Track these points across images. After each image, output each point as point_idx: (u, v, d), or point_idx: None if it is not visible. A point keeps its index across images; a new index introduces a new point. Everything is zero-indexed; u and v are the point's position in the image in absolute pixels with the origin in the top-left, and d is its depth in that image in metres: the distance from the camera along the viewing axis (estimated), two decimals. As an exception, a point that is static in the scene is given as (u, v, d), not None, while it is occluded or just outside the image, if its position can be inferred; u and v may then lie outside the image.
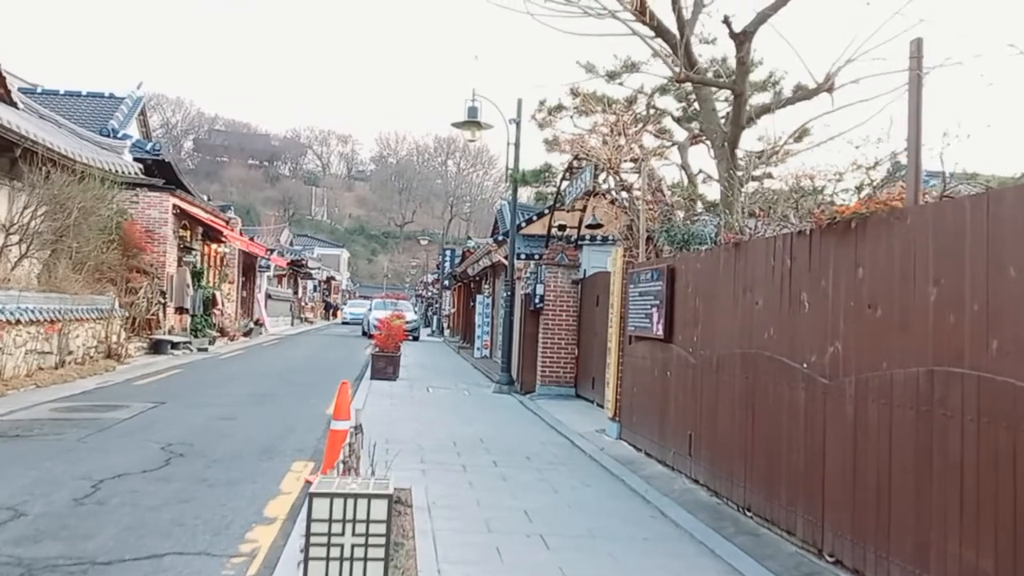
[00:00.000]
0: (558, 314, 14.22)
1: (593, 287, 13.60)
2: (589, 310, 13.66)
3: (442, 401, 13.00)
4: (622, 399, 9.32)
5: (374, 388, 14.13)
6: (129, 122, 24.34)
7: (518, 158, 15.05)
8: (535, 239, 17.04)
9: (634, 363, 8.89)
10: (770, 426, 5.65)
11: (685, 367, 7.31)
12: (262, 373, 16.56)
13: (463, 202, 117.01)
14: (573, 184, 12.41)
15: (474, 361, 22.28)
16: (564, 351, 14.22)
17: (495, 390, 14.90)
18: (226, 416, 10.29)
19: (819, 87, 8.43)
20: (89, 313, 16.08)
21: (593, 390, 13.08)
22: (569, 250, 14.28)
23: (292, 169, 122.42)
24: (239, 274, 31.52)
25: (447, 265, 40.38)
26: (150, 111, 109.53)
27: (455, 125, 14.78)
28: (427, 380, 16.43)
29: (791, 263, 5.53)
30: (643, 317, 8.43)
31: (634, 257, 9.30)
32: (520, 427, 10.65)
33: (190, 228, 23.95)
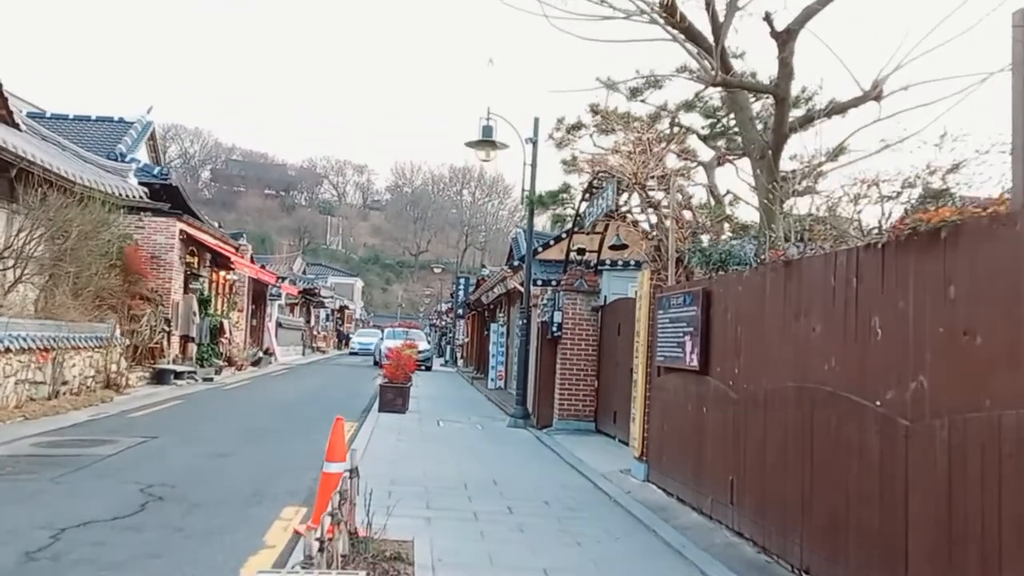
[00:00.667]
0: (577, 343, 13.40)
1: (614, 314, 12.80)
2: (610, 339, 12.84)
3: (453, 436, 12.17)
4: (650, 437, 8.47)
5: (381, 422, 13.33)
6: (138, 146, 23.92)
7: (534, 179, 14.37)
8: (552, 265, 16.27)
9: (664, 397, 8.06)
10: (833, 474, 4.81)
11: (724, 403, 6.48)
12: (265, 405, 15.80)
13: (478, 231, 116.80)
14: (593, 204, 11.66)
15: (488, 392, 21.44)
16: (583, 383, 13.38)
17: (510, 424, 14.06)
18: (219, 453, 9.51)
19: (866, 94, 7.69)
20: (87, 341, 15.41)
21: (615, 425, 12.22)
22: (588, 275, 13.50)
23: (308, 199, 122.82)
24: (249, 302, 30.90)
25: (461, 294, 39.67)
26: (168, 141, 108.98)
27: (469, 145, 14.11)
28: (438, 413, 15.61)
29: (858, 283, 4.72)
30: (674, 346, 7.62)
31: (662, 280, 8.52)
32: (537, 466, 9.80)
33: (198, 254, 23.37)
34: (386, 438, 11.29)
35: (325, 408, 15.54)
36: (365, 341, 47.19)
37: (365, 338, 49.30)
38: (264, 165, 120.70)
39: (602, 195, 11.01)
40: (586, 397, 13.38)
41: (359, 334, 54.05)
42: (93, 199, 15.84)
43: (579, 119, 13.33)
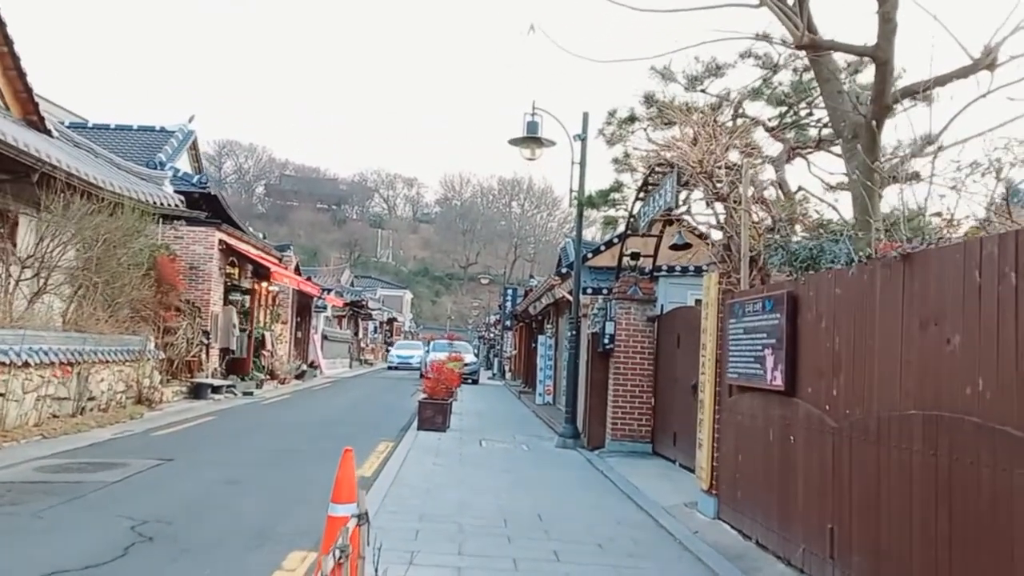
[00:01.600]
0: (631, 356, 12.22)
1: (672, 325, 11.59)
2: (668, 352, 11.64)
3: (496, 459, 11.07)
4: (720, 466, 7.26)
5: (419, 441, 12.31)
6: (178, 155, 23.48)
7: (583, 178, 13.25)
8: (603, 272, 15.12)
9: (737, 422, 6.85)
10: (986, 530, 3.59)
11: (819, 432, 5.26)
12: (298, 423, 14.92)
13: (527, 243, 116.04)
14: (649, 202, 10.49)
15: (535, 408, 20.31)
16: (638, 400, 12.18)
17: (558, 444, 12.91)
18: (232, 479, 8.57)
19: (977, 63, 6.41)
20: (117, 355, 14.75)
21: (675, 447, 10.99)
22: (643, 282, 12.32)
23: (359, 212, 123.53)
24: (293, 314, 30.34)
25: (509, 305, 38.64)
26: (224, 157, 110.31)
27: (513, 143, 13.08)
28: (481, 431, 14.54)
29: (1017, 279, 3.51)
30: (750, 361, 6.42)
31: (732, 284, 7.33)
32: (588, 497, 8.64)
33: (238, 265, 22.79)
34: (421, 461, 10.26)
35: (361, 426, 14.61)
36: (405, 354, 43.58)
37: (406, 350, 45.19)
38: (316, 180, 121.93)
39: (659, 191, 9.84)
40: (642, 416, 12.18)
41: (398, 346, 49.21)
42: (124, 206, 15.25)
43: (632, 111, 12.20)
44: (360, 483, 7.90)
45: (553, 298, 18.74)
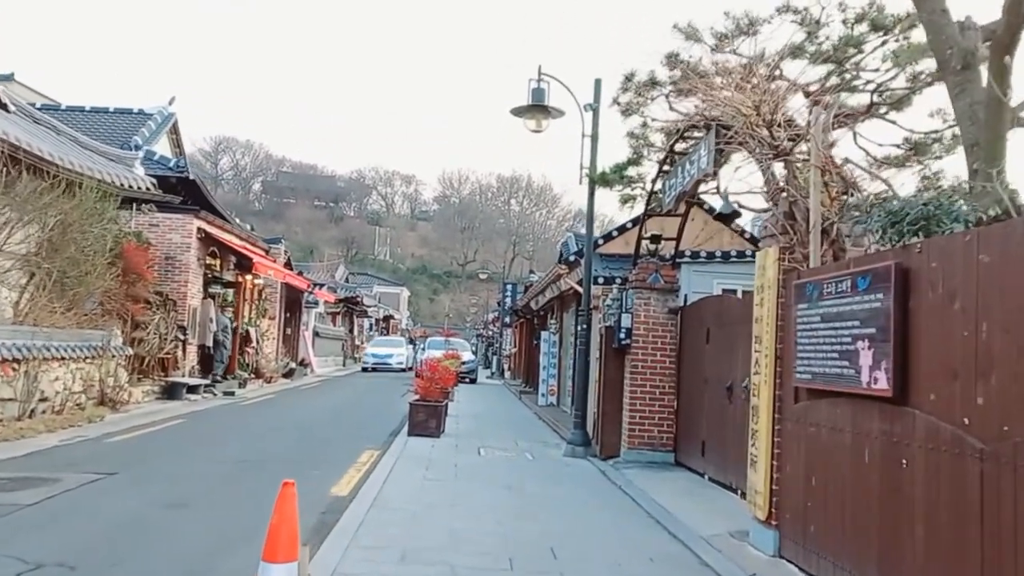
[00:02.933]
0: (650, 353, 10.73)
1: (699, 317, 10.10)
2: (694, 348, 10.15)
3: (496, 471, 9.57)
4: (782, 491, 5.76)
5: (409, 449, 10.81)
6: (157, 138, 21.96)
7: (595, 153, 11.75)
8: (615, 260, 13.64)
9: (810, 435, 5.35)
10: None
11: (954, 456, 3.77)
12: (276, 427, 13.41)
13: (525, 241, 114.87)
14: (677, 173, 8.98)
15: (538, 410, 18.81)
16: (658, 403, 10.69)
17: (566, 452, 11.42)
18: (178, 501, 7.07)
19: None
20: (75, 351, 13.24)
21: (703, 458, 9.50)
22: (665, 269, 10.82)
23: (357, 209, 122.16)
24: (281, 310, 28.82)
25: (508, 301, 37.14)
26: (220, 154, 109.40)
27: (516, 112, 11.59)
28: (479, 437, 13.04)
29: None
30: (832, 358, 4.93)
31: (797, 261, 5.83)
32: (609, 523, 7.15)
33: (220, 256, 21.28)
34: (410, 475, 8.75)
35: (345, 430, 13.10)
36: (382, 352, 36.28)
37: (383, 348, 37.36)
38: (313, 177, 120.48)
39: (690, 158, 8.34)
40: (663, 421, 10.68)
41: (375, 343, 40.35)
42: (86, 188, 13.76)
43: (652, 75, 10.68)
44: (331, 507, 6.39)
45: (558, 291, 17.23)
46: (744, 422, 8.25)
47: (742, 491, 8.16)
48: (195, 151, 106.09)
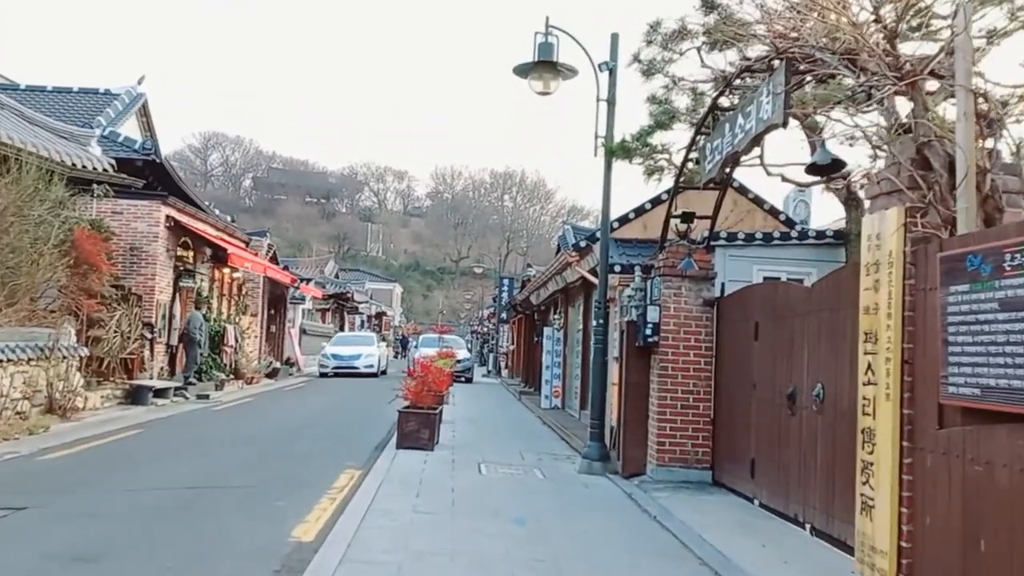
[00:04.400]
0: (682, 352, 9.05)
1: (744, 309, 8.44)
2: (737, 346, 8.48)
3: (503, 498, 7.89)
4: (919, 552, 4.09)
5: (397, 467, 9.12)
6: (123, 119, 20.20)
7: (612, 119, 10.07)
8: (632, 246, 11.98)
9: (977, 477, 3.68)
10: None
11: None
12: (245, 438, 11.70)
13: (519, 237, 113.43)
14: (725, 130, 7.28)
15: (541, 413, 17.14)
16: (692, 411, 9.02)
17: (582, 468, 9.74)
18: (88, 554, 5.35)
19: None
20: (14, 352, 11.53)
21: (753, 480, 7.84)
22: (699, 253, 9.15)
23: (349, 206, 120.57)
24: (264, 306, 27.06)
25: (505, 296, 35.45)
26: (210, 150, 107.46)
27: (519, 71, 9.90)
28: (479, 448, 11.37)
29: None
30: (1016, 366, 3.25)
31: (931, 226, 4.16)
32: (654, 570, 5.47)
33: (193, 247, 19.51)
34: (396, 505, 7.06)
35: (325, 442, 11.38)
36: (347, 352, 28.29)
37: (348, 347, 29.00)
38: (304, 173, 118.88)
39: (747, 107, 6.64)
40: (697, 433, 9.01)
41: (337, 341, 31.16)
42: (26, 165, 12.05)
43: (683, 22, 9.01)
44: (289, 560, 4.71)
45: (563, 282, 15.55)
46: (812, 439, 6.61)
47: (813, 527, 6.52)
48: (184, 147, 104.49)
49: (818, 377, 6.56)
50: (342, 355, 28.23)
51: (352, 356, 28.05)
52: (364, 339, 31.39)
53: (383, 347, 32.12)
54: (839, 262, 9.70)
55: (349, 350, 28.47)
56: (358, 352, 28.37)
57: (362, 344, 29.70)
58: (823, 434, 6.41)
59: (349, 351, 28.41)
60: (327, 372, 27.90)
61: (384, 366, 29.62)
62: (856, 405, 5.70)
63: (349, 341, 30.55)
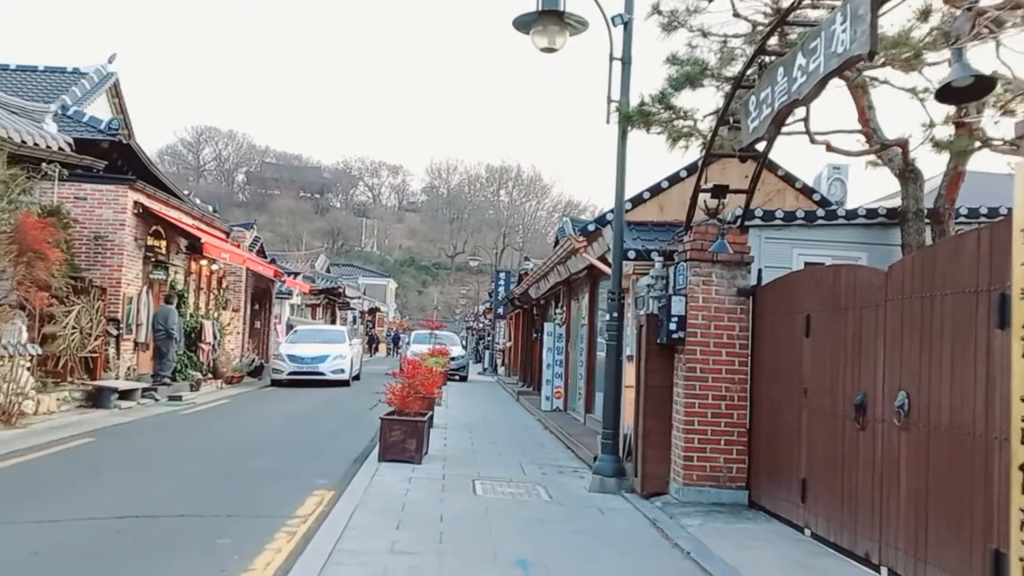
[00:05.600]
0: (713, 351, 7.68)
1: (788, 300, 7.06)
2: (781, 343, 7.11)
3: (502, 528, 6.50)
4: None
5: (377, 487, 7.72)
6: (91, 99, 18.75)
7: (628, 79, 8.68)
8: (646, 230, 10.60)
9: None
10: None
11: None
12: (208, 449, 10.29)
13: (515, 232, 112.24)
14: (775, 79, 5.87)
15: (542, 416, 15.76)
16: (725, 420, 7.64)
17: (594, 487, 8.35)
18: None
19: None
20: (-55, 350, 10.12)
21: (804, 506, 6.47)
22: (732, 233, 7.77)
23: (343, 201, 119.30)
24: (247, 300, 25.63)
25: (501, 291, 34.07)
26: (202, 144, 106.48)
27: (519, 24, 8.49)
28: (474, 461, 9.99)
29: None
30: None
31: None
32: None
33: (166, 237, 18.08)
34: (369, 545, 5.66)
35: (297, 454, 9.96)
36: (309, 354, 21.69)
37: (309, 345, 22.29)
38: (298, 167, 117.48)
39: (810, 43, 5.25)
40: (731, 446, 7.64)
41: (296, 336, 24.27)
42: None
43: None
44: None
45: (567, 272, 14.15)
46: (892, 460, 5.24)
47: (893, 571, 5.16)
48: (176, 141, 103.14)
49: (900, 383, 5.20)
50: (302, 356, 21.56)
51: (316, 358, 21.43)
52: (332, 335, 24.40)
53: (357, 346, 25.91)
54: (893, 245, 8.34)
55: (312, 349, 21.80)
56: (324, 352, 21.65)
57: (330, 341, 22.83)
58: (910, 455, 5.05)
59: (312, 351, 21.71)
60: (281, 379, 21.43)
61: (357, 370, 24.09)
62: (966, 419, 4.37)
63: (313, 337, 23.41)
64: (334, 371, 21.42)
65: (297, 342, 22.94)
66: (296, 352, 21.79)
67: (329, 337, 23.66)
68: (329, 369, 21.35)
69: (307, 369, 21.22)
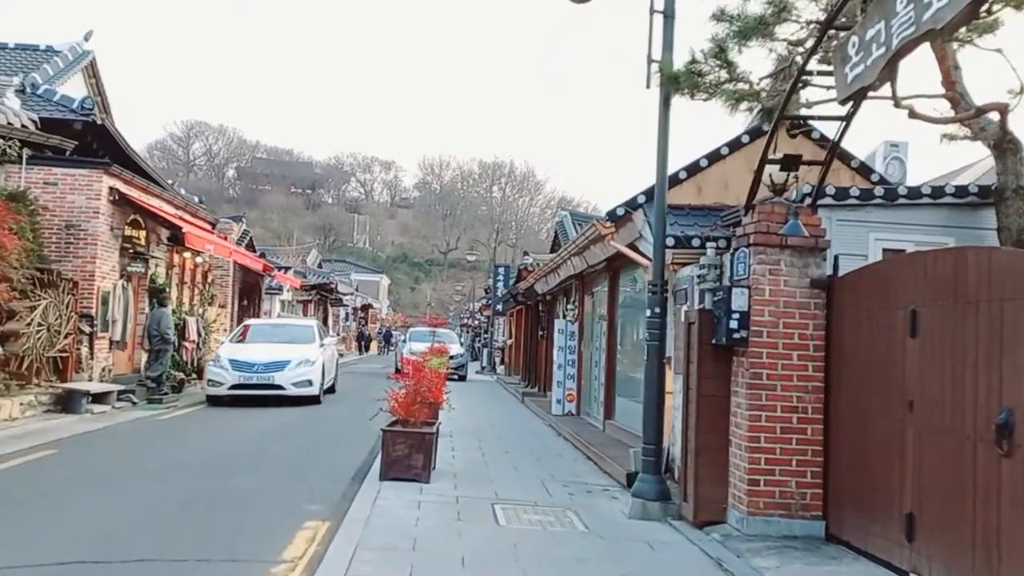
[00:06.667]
0: (782, 353, 6.44)
1: (885, 291, 5.83)
2: (873, 344, 5.87)
3: (536, 570, 5.26)
4: None
5: (380, 516, 6.46)
6: (64, 78, 17.43)
7: (671, 34, 7.44)
8: (684, 214, 9.33)
9: None
10: None
11: None
12: (183, 465, 8.94)
13: (508, 228, 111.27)
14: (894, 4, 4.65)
15: (553, 421, 14.52)
16: (797, 436, 6.41)
17: (635, 512, 7.11)
18: None
19: None
20: None
21: (912, 547, 5.23)
22: (806, 213, 6.53)
23: (335, 196, 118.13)
24: (235, 296, 24.33)
25: (500, 286, 32.80)
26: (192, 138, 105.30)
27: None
28: (488, 477, 8.74)
29: None
30: None
31: None
32: None
33: (146, 226, 16.77)
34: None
35: (283, 472, 8.67)
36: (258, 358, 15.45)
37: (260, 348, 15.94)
38: (289, 163, 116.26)
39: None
40: (804, 467, 6.41)
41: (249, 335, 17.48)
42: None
43: None
44: None
45: (583, 265, 12.89)
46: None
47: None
48: (166, 136, 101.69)
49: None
50: (251, 362, 15.22)
51: (271, 364, 15.16)
52: (297, 331, 17.64)
53: (331, 346, 18.97)
54: (986, 228, 7.14)
55: (267, 352, 15.47)
56: (283, 357, 15.31)
57: (293, 341, 16.41)
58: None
59: (266, 354, 15.39)
60: (220, 394, 15.23)
61: (332, 379, 17.89)
62: None
63: (269, 335, 17.11)
64: (298, 382, 15.16)
65: (247, 343, 16.51)
66: (242, 356, 15.37)
67: (292, 335, 17.08)
68: (290, 380, 15.07)
69: (258, 381, 14.97)
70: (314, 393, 15.62)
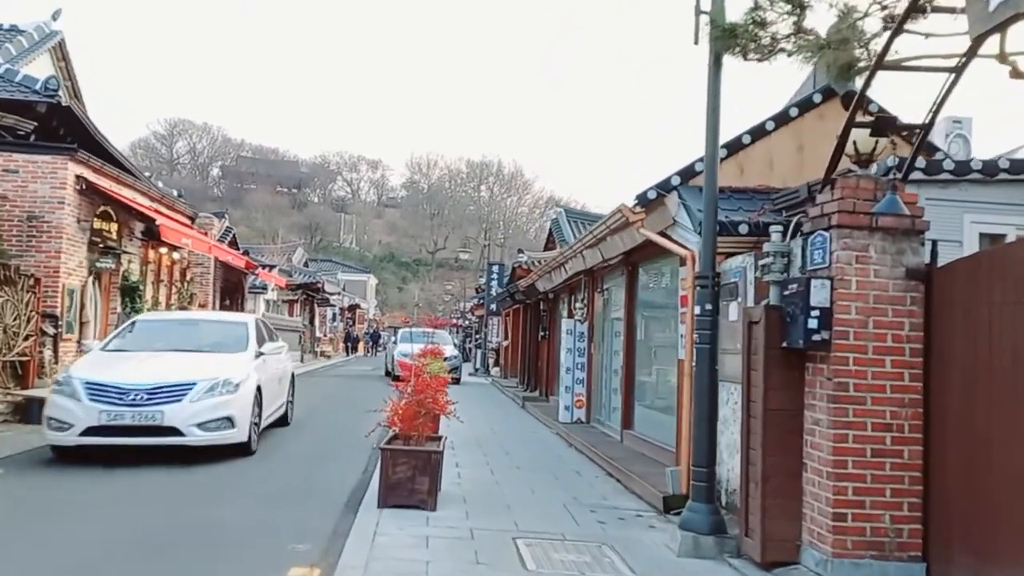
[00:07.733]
0: (873, 359, 5.29)
1: (1015, 285, 4.68)
2: (995, 347, 4.72)
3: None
4: None
5: (380, 557, 5.26)
6: (28, 58, 16.10)
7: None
8: (725, 197, 8.10)
9: None
10: None
11: None
12: (145, 488, 7.72)
13: (496, 228, 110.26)
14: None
15: (561, 429, 13.34)
16: (892, 460, 5.26)
17: (686, 549, 5.94)
18: None
19: None
20: None
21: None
22: (902, 188, 5.38)
23: (321, 196, 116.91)
24: (216, 295, 22.96)
25: (494, 284, 31.59)
26: (176, 137, 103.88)
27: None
28: (502, 501, 7.55)
29: None
30: None
31: None
32: None
33: (117, 219, 15.46)
34: None
35: (267, 499, 7.44)
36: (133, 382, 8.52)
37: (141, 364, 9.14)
38: (275, 162, 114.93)
39: None
40: (900, 498, 5.25)
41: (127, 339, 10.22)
42: None
43: None
44: None
45: (596, 258, 11.71)
46: None
47: None
48: (149, 134, 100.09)
49: None
50: (121, 387, 8.58)
51: (155, 391, 8.61)
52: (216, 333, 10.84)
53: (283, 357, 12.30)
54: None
55: (148, 371, 8.99)
56: (177, 379, 8.82)
57: (206, 349, 10.05)
58: None
59: (147, 374, 8.89)
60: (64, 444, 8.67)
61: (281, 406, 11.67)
62: None
63: (167, 338, 10.38)
64: (205, 422, 8.71)
65: (127, 350, 9.96)
66: (109, 377, 8.77)
67: (210, 338, 10.55)
68: (192, 419, 8.64)
69: (133, 420, 8.47)
70: (236, 440, 9.05)
